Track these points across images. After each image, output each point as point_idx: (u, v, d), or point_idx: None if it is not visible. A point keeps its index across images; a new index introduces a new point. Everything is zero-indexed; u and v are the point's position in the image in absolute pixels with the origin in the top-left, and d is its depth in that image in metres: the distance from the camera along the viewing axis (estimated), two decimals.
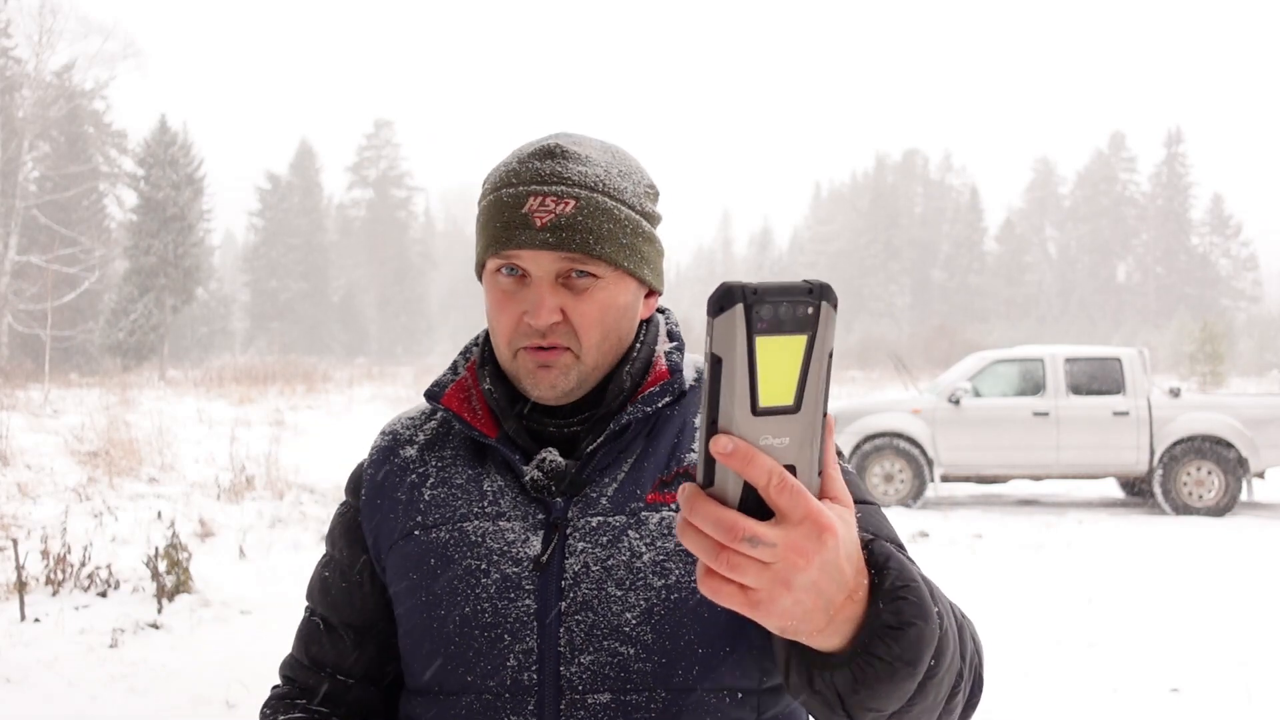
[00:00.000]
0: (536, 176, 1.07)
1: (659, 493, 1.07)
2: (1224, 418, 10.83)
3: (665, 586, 1.03)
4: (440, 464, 1.15)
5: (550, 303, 1.05)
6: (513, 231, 1.06)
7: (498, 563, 1.07)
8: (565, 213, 1.05)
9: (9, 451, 11.04)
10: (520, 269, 1.07)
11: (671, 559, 1.04)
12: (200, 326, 51.57)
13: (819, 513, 0.68)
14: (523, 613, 1.04)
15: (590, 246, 1.05)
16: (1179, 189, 70.24)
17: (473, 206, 64.90)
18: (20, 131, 37.49)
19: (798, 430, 0.67)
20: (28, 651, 5.16)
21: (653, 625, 1.02)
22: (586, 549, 1.05)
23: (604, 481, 1.08)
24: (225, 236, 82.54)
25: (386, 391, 25.90)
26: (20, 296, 35.55)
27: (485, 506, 1.10)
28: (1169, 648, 5.53)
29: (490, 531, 1.08)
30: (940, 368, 25.65)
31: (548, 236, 1.04)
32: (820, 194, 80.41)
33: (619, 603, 1.03)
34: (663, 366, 1.14)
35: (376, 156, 71.42)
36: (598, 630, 1.03)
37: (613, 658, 1.02)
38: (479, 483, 1.12)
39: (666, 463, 1.09)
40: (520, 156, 1.10)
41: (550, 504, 1.08)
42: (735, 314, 0.64)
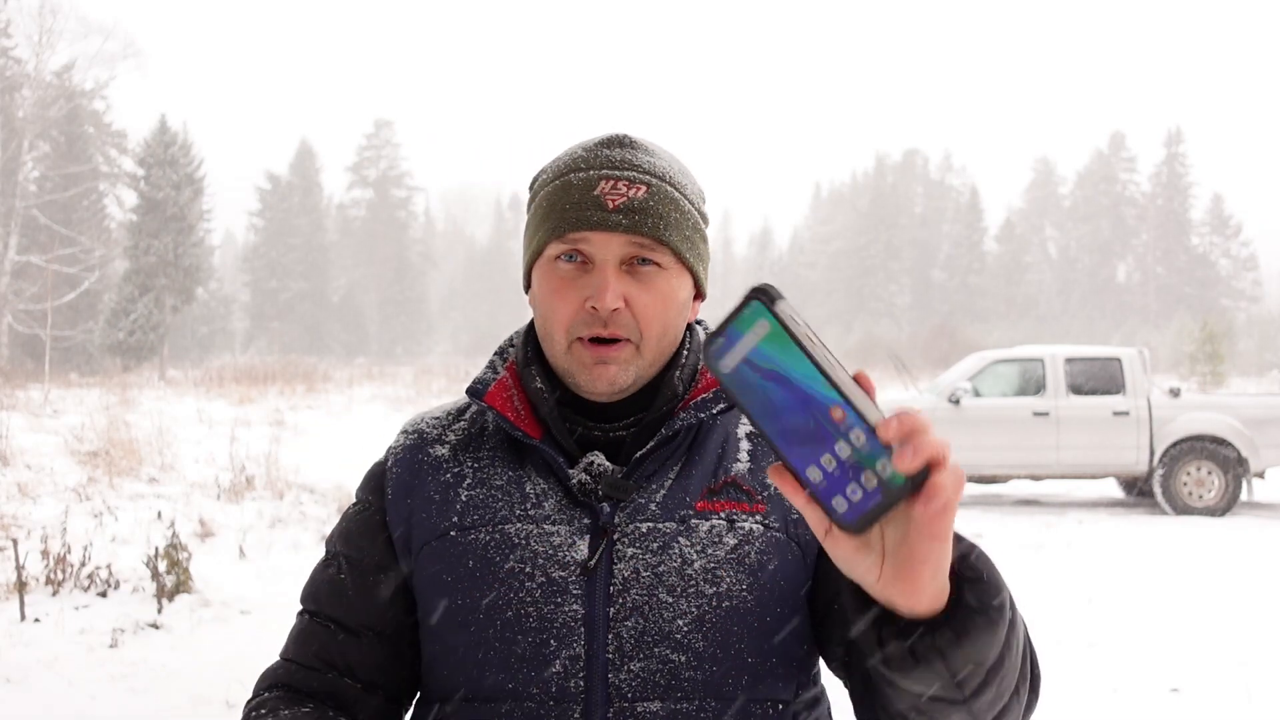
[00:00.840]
0: (608, 162, 1.07)
1: (708, 501, 1.06)
2: (1224, 418, 10.83)
3: (717, 594, 1.02)
4: (476, 464, 1.12)
5: (616, 287, 1.04)
6: (584, 213, 1.04)
7: (543, 566, 1.04)
8: (638, 197, 1.05)
9: (9, 451, 11.04)
10: (583, 255, 1.06)
11: (723, 567, 1.03)
12: (200, 326, 51.57)
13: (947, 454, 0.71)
14: (569, 618, 1.02)
15: (661, 231, 1.05)
16: (1179, 189, 70.22)
17: (472, 205, 64.43)
18: (20, 131, 37.49)
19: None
20: (28, 651, 5.16)
21: (704, 633, 1.01)
22: (637, 554, 1.03)
23: (651, 488, 1.07)
24: (225, 236, 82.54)
25: (386, 391, 25.91)
26: (20, 296, 35.56)
27: (528, 509, 1.07)
28: (1169, 648, 5.53)
29: (534, 534, 1.05)
30: (940, 368, 25.65)
31: (621, 219, 1.04)
32: (820, 194, 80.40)
33: (670, 609, 1.02)
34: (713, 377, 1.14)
35: (376, 156, 71.41)
36: (648, 637, 1.01)
37: (663, 665, 1.01)
38: (520, 485, 1.09)
39: (714, 471, 1.08)
40: (587, 145, 1.11)
41: (597, 509, 1.06)
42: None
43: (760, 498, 1.07)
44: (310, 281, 62.06)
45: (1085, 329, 57.98)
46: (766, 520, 1.06)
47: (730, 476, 1.08)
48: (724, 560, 1.03)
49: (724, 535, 1.05)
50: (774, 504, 1.07)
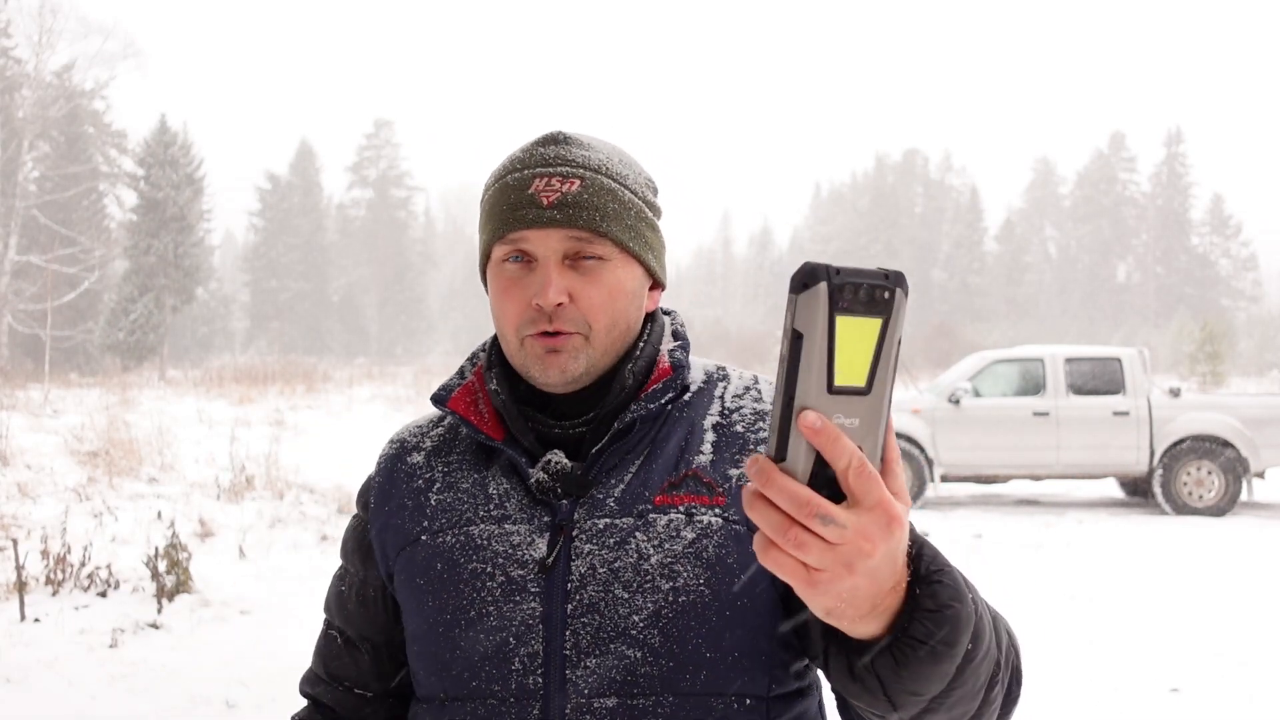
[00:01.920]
0: (541, 160, 1.08)
1: (667, 495, 1.05)
2: (1224, 418, 10.83)
3: (674, 589, 1.01)
4: (446, 468, 1.14)
5: (558, 282, 1.04)
6: (519, 212, 1.06)
7: (503, 565, 1.05)
8: (571, 191, 1.06)
9: (9, 451, 11.03)
10: (527, 255, 1.07)
11: (680, 561, 1.02)
12: (200, 326, 51.58)
13: (890, 503, 0.68)
14: (528, 616, 1.03)
15: (597, 223, 1.05)
16: (1179, 189, 70.22)
17: (473, 206, 64.71)
18: (20, 131, 37.48)
19: (866, 413, 0.68)
20: (28, 651, 5.16)
21: (660, 629, 1.01)
22: (593, 551, 1.03)
23: (610, 483, 1.07)
24: (225, 236, 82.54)
25: (386, 391, 25.90)
26: (20, 296, 35.55)
27: (491, 510, 1.08)
28: (1169, 647, 5.53)
29: (496, 534, 1.07)
30: (940, 368, 25.66)
31: (555, 214, 1.05)
32: (820, 194, 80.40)
33: (626, 605, 1.01)
34: (665, 364, 1.12)
35: (376, 156, 71.39)
36: (604, 633, 1.01)
37: (620, 661, 1.01)
38: (485, 486, 1.10)
39: (675, 464, 1.07)
40: (524, 146, 1.12)
41: (556, 506, 1.06)
42: (819, 291, 0.65)
43: (721, 490, 1.05)
44: (310, 281, 62.05)
45: (1085, 329, 57.98)
46: (726, 513, 1.04)
47: (691, 469, 1.07)
48: (681, 555, 1.02)
49: (682, 529, 1.03)
50: (735, 497, 1.05)
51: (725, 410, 1.12)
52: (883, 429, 0.69)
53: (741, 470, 1.06)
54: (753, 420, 1.10)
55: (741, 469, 1.06)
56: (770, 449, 0.68)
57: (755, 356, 31.90)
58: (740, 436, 1.09)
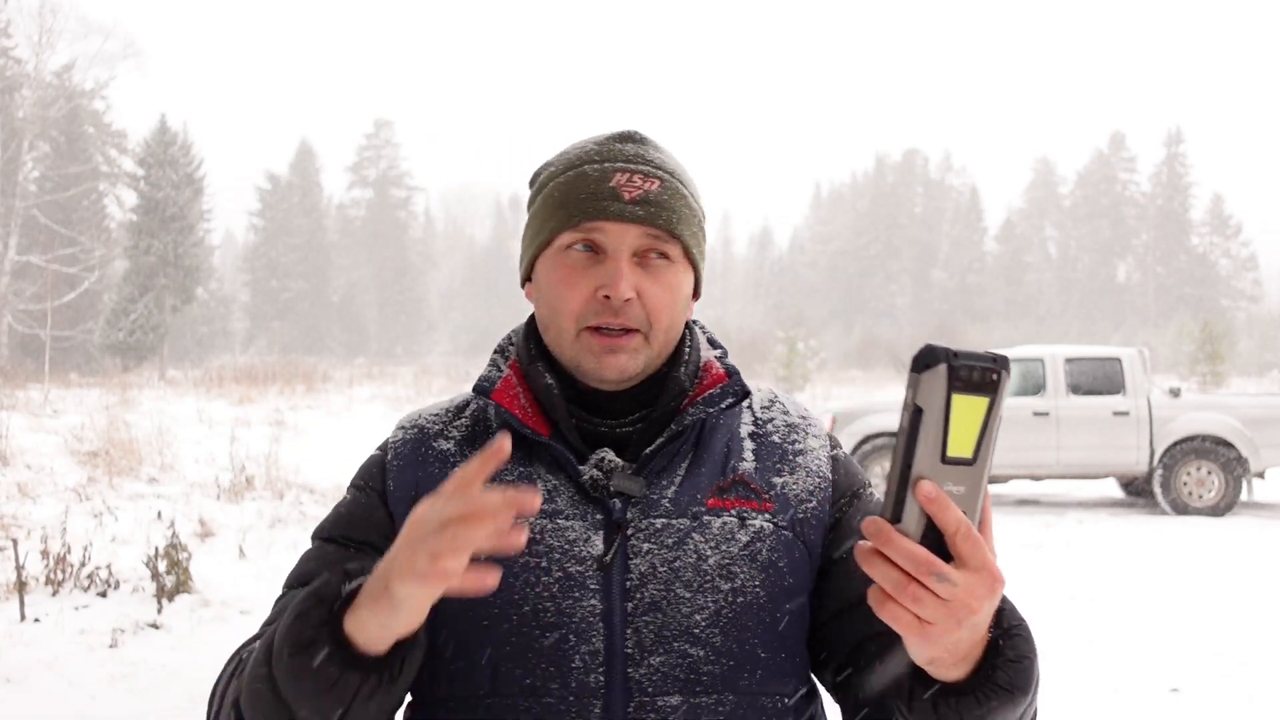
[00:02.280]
0: (622, 155, 1.09)
1: (719, 498, 1.08)
2: (1224, 418, 10.83)
3: (732, 589, 1.04)
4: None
5: (629, 277, 1.05)
6: (600, 203, 1.05)
7: (559, 561, 1.03)
8: (652, 190, 1.07)
9: (9, 451, 11.04)
10: (596, 246, 1.06)
11: (736, 563, 1.05)
12: (200, 326, 51.54)
13: (993, 564, 0.78)
14: (588, 613, 1.02)
15: (674, 225, 1.07)
16: (1179, 189, 70.22)
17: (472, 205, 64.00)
18: (20, 131, 37.49)
19: (971, 481, 0.77)
20: (28, 651, 5.17)
21: (721, 628, 1.03)
22: (652, 550, 1.04)
23: (661, 485, 1.07)
24: (225, 236, 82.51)
25: (386, 391, 25.91)
26: (20, 296, 35.56)
27: (543, 504, 1.06)
28: (1169, 647, 5.54)
29: (549, 529, 1.05)
30: None
31: (637, 210, 1.05)
32: (820, 194, 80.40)
33: (688, 604, 1.03)
34: (719, 370, 1.14)
35: (376, 156, 71.40)
36: (667, 631, 1.02)
37: (682, 659, 1.02)
38: (530, 480, 1.08)
39: (722, 469, 1.10)
40: (597, 140, 1.12)
41: (609, 505, 1.05)
42: (939, 372, 0.75)
43: (767, 496, 1.09)
44: (310, 281, 62.05)
45: (1085, 329, 57.98)
46: (775, 519, 1.08)
47: (739, 475, 1.10)
48: (737, 556, 1.05)
49: (736, 532, 1.06)
50: (780, 503, 1.09)
51: (758, 420, 1.16)
52: (983, 496, 0.78)
53: (784, 479, 1.11)
54: (787, 433, 1.16)
55: (785, 477, 1.11)
56: (886, 511, 0.77)
57: (756, 356, 31.88)
58: (779, 447, 1.14)
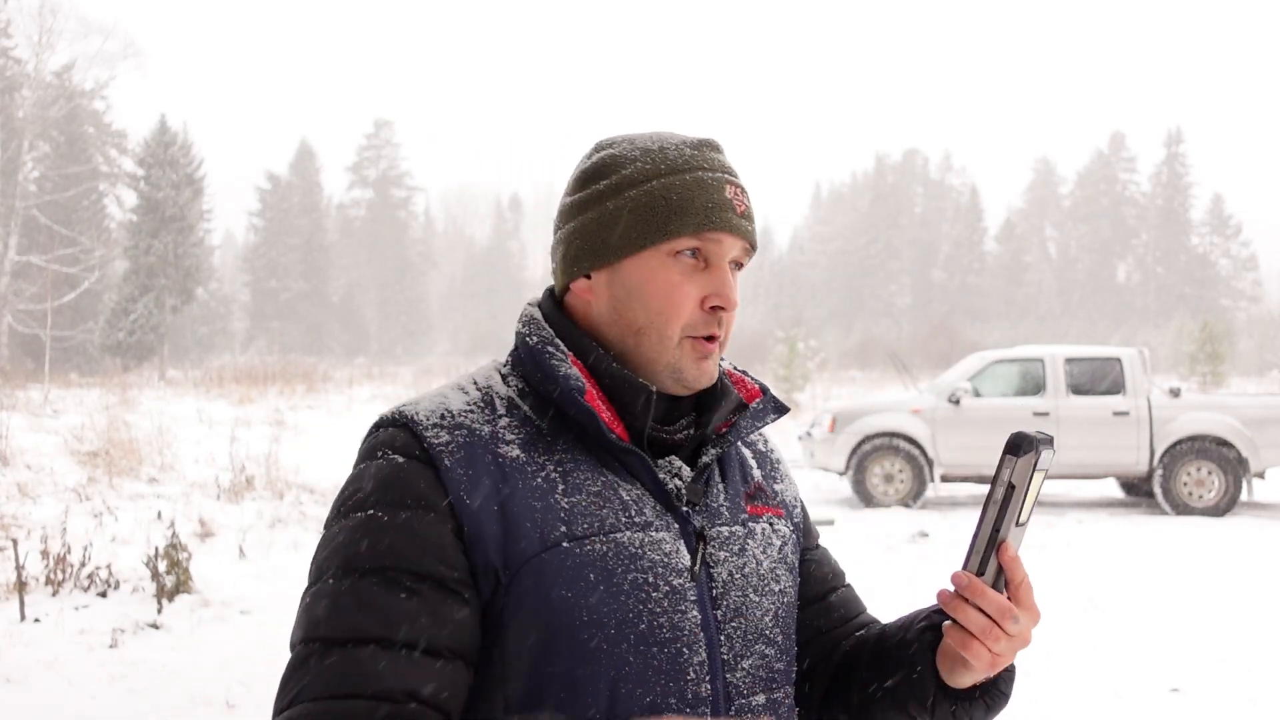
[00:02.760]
0: (723, 168, 1.10)
1: (752, 505, 1.14)
2: (1224, 418, 10.83)
3: (780, 591, 1.12)
4: (561, 469, 1.02)
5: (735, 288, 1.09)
6: (722, 214, 1.06)
7: (663, 575, 1.02)
8: (749, 206, 1.11)
9: (9, 451, 11.04)
10: (702, 254, 1.07)
11: (779, 566, 1.13)
12: (200, 326, 51.56)
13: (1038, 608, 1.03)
14: (693, 624, 1.03)
15: (757, 242, 1.11)
16: (1179, 189, 70.21)
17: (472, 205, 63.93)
18: (20, 131, 37.48)
19: (1022, 537, 1.01)
20: (28, 651, 5.16)
21: (780, 627, 1.11)
22: (726, 558, 1.07)
23: (713, 492, 1.11)
24: (225, 236, 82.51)
25: (386, 391, 25.90)
26: (20, 296, 35.56)
27: (632, 516, 1.02)
28: (1170, 648, 5.53)
29: (646, 543, 1.02)
30: (940, 368, 25.65)
31: (745, 224, 1.09)
32: (820, 194, 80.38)
33: (758, 608, 1.09)
34: (751, 384, 1.17)
35: (376, 156, 71.38)
36: (749, 635, 1.07)
37: (763, 660, 1.08)
38: (615, 491, 1.03)
39: (745, 478, 1.16)
40: (689, 143, 1.09)
41: (685, 514, 1.06)
42: (1032, 459, 0.96)
43: (776, 502, 1.18)
44: (310, 281, 62.04)
45: (1085, 329, 57.97)
46: (787, 523, 1.18)
47: (757, 483, 1.17)
48: (777, 560, 1.13)
49: (771, 536, 1.14)
50: (786, 508, 1.19)
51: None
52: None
53: (781, 486, 1.21)
54: (765, 442, 1.25)
55: (781, 484, 1.21)
56: (973, 566, 1.00)
57: (756, 356, 31.85)
58: (767, 456, 1.23)
